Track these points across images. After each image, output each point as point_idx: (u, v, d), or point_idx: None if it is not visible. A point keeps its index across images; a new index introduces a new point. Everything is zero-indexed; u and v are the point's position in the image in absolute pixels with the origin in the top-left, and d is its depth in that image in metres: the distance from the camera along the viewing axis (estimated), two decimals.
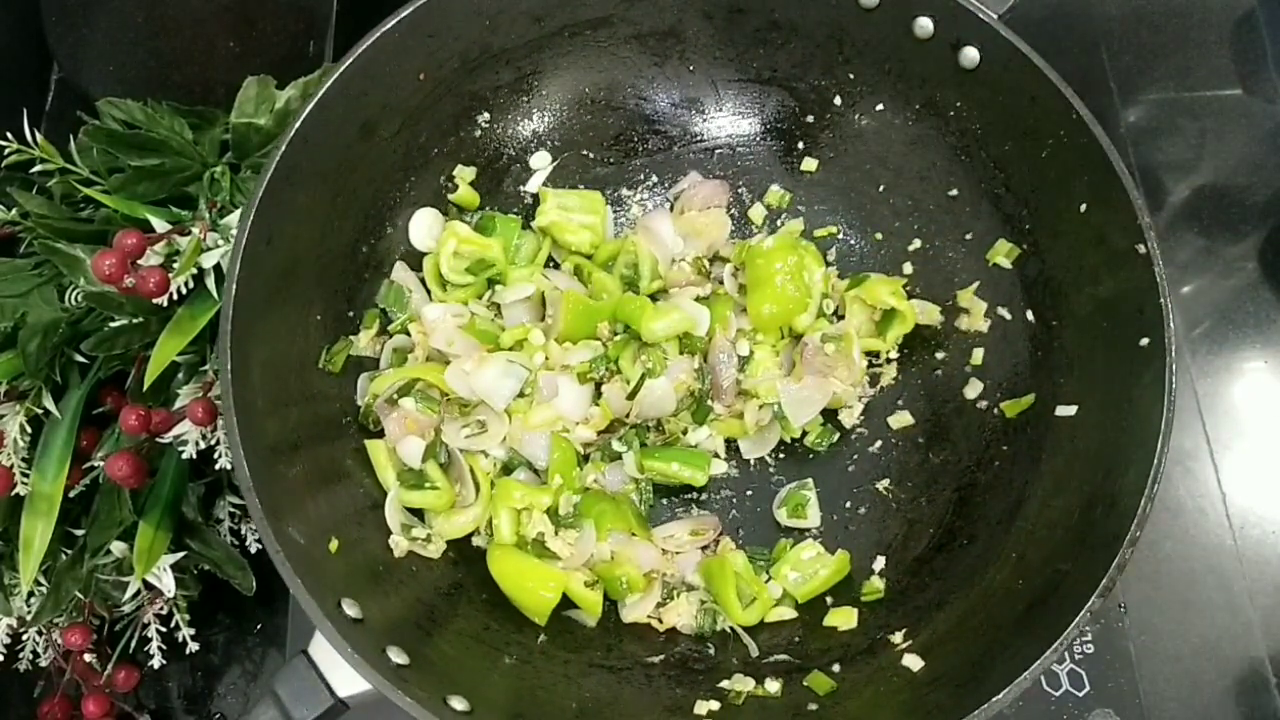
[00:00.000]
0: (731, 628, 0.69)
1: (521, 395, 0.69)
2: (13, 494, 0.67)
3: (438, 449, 0.68)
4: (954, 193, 0.76)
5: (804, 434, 0.74)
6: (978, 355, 0.74)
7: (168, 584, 0.68)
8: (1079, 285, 0.68)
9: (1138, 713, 0.71)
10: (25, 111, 0.72)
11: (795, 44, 0.78)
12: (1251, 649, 0.74)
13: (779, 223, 0.81)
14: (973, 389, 0.73)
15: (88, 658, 0.71)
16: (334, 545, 0.61)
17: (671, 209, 0.81)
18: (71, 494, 0.69)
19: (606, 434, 0.74)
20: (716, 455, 0.74)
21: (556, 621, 0.67)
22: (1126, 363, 0.62)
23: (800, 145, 0.81)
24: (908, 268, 0.78)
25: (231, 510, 0.74)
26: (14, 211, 0.73)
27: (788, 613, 0.69)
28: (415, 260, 0.76)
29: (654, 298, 0.75)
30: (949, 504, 0.71)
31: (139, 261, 0.67)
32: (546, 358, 0.71)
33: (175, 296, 0.68)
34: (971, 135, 0.73)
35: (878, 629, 0.67)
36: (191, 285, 0.68)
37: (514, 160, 0.81)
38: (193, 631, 0.71)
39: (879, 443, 0.75)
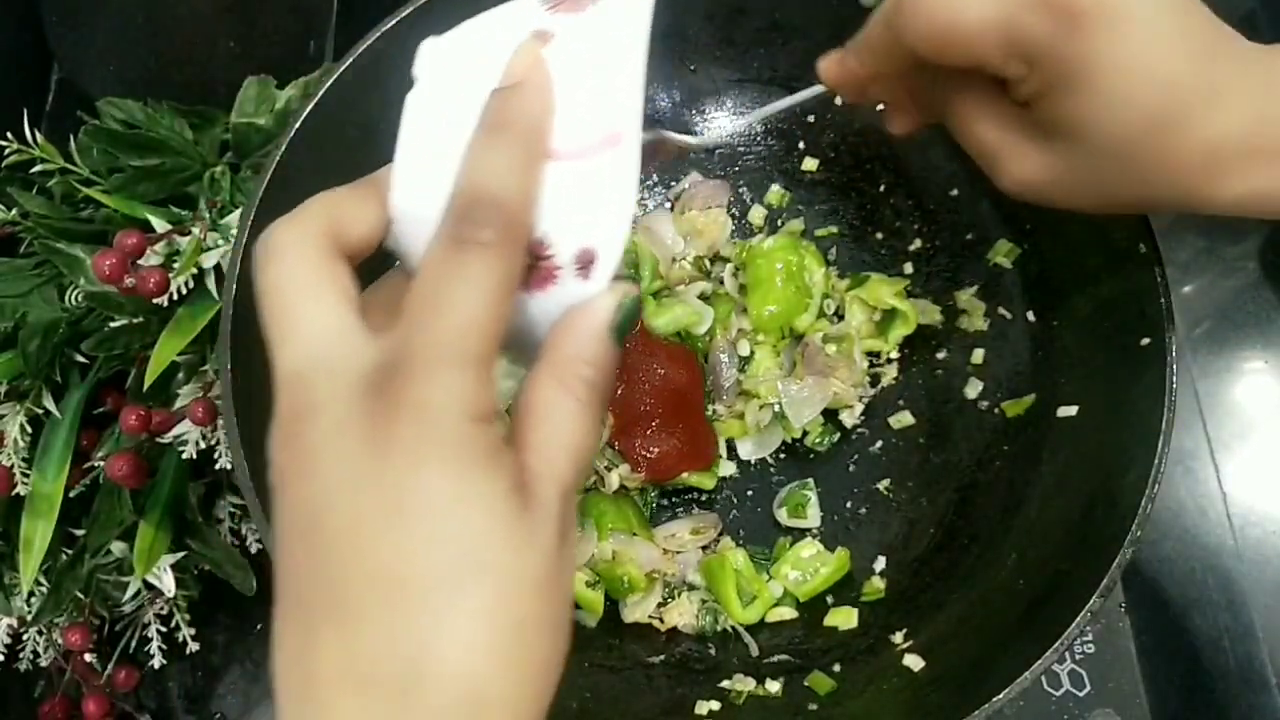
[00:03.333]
0: (732, 627, 0.69)
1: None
2: (13, 494, 0.67)
3: None
4: (954, 192, 0.76)
5: (804, 434, 0.74)
6: (978, 355, 0.74)
7: (168, 584, 0.68)
8: (1080, 285, 0.68)
9: (1138, 713, 0.71)
10: (25, 111, 0.72)
11: (796, 44, 0.78)
12: (1251, 649, 0.74)
13: (779, 222, 0.81)
14: (973, 389, 0.73)
15: (88, 658, 0.70)
16: None
17: (672, 209, 0.81)
18: (71, 494, 0.69)
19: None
20: (719, 457, 0.74)
21: None
22: (1127, 363, 0.62)
23: (801, 145, 0.81)
24: (908, 268, 0.78)
25: (231, 510, 0.74)
26: (14, 211, 0.73)
27: (788, 612, 0.69)
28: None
29: (655, 297, 0.75)
30: (950, 504, 0.71)
31: (139, 261, 0.67)
32: None
33: (175, 296, 0.68)
34: None
35: (878, 629, 0.67)
36: (191, 285, 0.68)
37: None
38: (193, 631, 0.71)
39: (880, 443, 0.75)
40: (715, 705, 0.63)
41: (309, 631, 0.30)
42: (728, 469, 0.74)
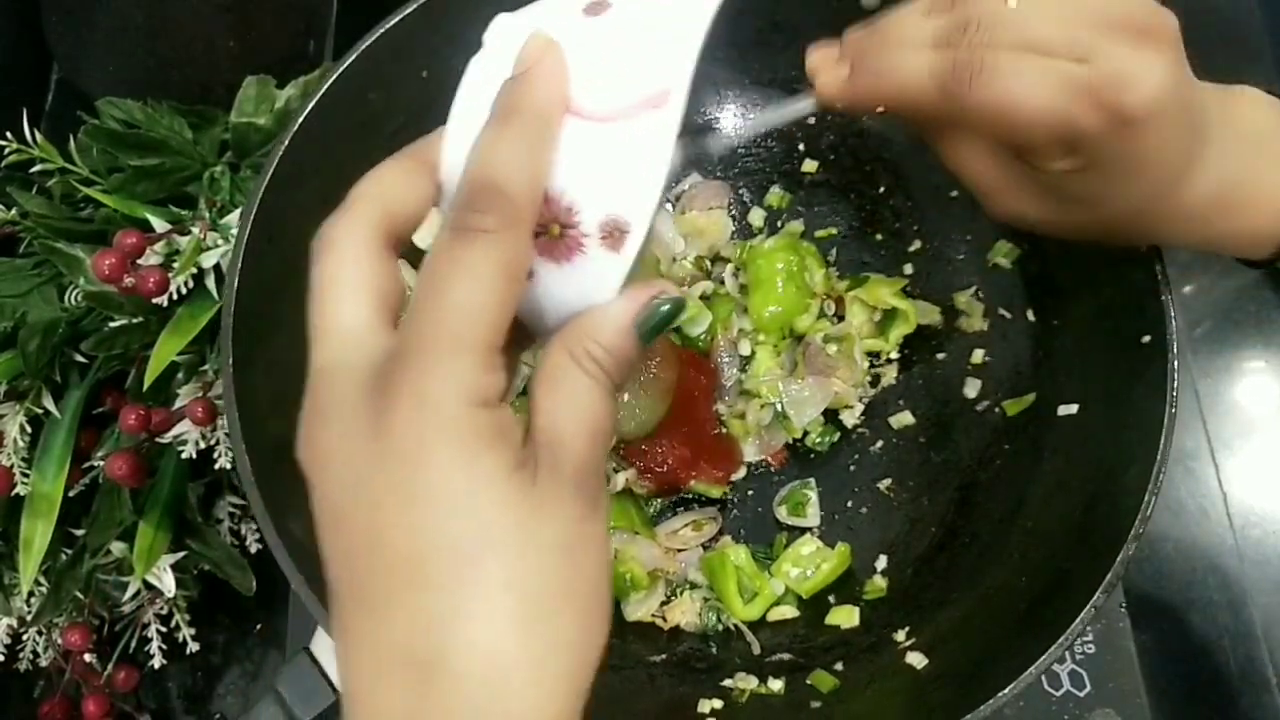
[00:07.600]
0: (734, 624, 0.69)
1: (523, 395, 0.69)
2: (13, 494, 0.67)
3: None
4: (954, 193, 0.76)
5: (805, 434, 0.74)
6: (979, 355, 0.74)
7: (168, 584, 0.68)
8: (1080, 284, 0.68)
9: (1138, 713, 0.71)
10: (25, 111, 0.72)
11: (796, 46, 0.77)
12: (1252, 649, 0.74)
13: (779, 224, 0.81)
14: (973, 388, 0.73)
15: (88, 658, 0.70)
16: None
17: (672, 210, 0.81)
18: (71, 494, 0.69)
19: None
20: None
21: None
22: (1128, 362, 0.62)
23: (801, 147, 0.81)
24: (908, 268, 0.78)
25: (231, 510, 0.73)
26: (14, 211, 0.73)
27: (790, 611, 0.69)
28: (415, 259, 0.76)
29: None
30: (951, 503, 0.71)
31: (139, 261, 0.67)
32: None
33: (175, 296, 0.67)
34: None
35: (880, 627, 0.66)
36: (191, 285, 0.68)
37: None
38: (193, 631, 0.71)
39: (880, 442, 0.75)
40: (718, 704, 0.63)
41: (342, 624, 0.32)
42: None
